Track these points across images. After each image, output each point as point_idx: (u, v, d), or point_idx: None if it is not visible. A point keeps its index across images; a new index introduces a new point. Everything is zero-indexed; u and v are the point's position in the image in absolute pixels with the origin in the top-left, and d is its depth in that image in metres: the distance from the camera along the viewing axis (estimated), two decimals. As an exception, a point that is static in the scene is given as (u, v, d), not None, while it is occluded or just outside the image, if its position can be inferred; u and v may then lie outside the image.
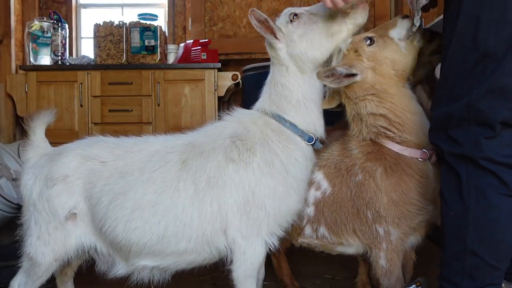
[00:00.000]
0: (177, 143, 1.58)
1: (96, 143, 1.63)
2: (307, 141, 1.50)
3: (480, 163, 1.31)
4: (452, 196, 1.38)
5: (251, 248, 1.45)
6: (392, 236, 1.51)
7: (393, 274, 1.54)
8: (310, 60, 1.49)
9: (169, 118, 3.47)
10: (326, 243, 1.68)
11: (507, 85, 1.25)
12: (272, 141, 1.48)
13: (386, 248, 1.53)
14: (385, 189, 1.51)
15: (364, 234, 1.58)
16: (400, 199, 1.50)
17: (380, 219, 1.52)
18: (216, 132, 1.56)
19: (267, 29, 1.51)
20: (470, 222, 1.34)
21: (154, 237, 1.48)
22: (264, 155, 1.46)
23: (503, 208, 1.32)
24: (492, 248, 1.33)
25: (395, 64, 1.54)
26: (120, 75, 3.46)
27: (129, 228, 1.48)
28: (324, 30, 1.46)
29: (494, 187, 1.31)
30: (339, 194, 1.61)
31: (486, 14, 1.27)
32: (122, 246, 1.51)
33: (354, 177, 1.57)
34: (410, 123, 1.53)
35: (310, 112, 1.51)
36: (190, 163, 1.49)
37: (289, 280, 2.11)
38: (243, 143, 1.48)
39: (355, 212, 1.58)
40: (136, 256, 1.53)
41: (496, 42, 1.26)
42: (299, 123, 1.50)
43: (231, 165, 1.46)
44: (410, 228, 1.54)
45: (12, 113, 3.66)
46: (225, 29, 4.13)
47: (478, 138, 1.30)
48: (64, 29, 3.75)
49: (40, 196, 1.55)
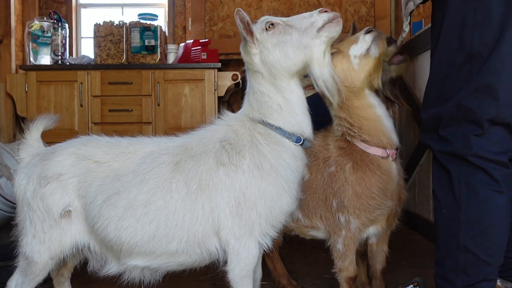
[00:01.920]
0: (170, 145, 1.60)
1: (90, 142, 1.64)
2: (295, 142, 1.51)
3: (470, 160, 1.34)
4: (443, 193, 1.41)
5: (244, 248, 1.47)
6: (351, 225, 1.64)
7: (347, 258, 1.67)
8: (284, 69, 1.49)
9: (169, 118, 3.47)
10: (301, 226, 1.80)
11: (493, 84, 1.29)
12: (261, 143, 1.50)
13: (345, 235, 1.66)
14: (351, 182, 1.64)
15: (327, 221, 1.71)
16: (363, 193, 1.62)
17: (343, 208, 1.65)
18: (207, 136, 1.58)
19: (248, 32, 1.52)
20: (462, 218, 1.36)
21: (145, 236, 1.49)
22: (253, 157, 1.48)
23: (494, 204, 1.34)
24: (485, 244, 1.35)
25: (346, 80, 1.65)
26: (120, 75, 3.46)
27: (121, 226, 1.49)
28: (297, 43, 1.46)
29: (484, 183, 1.34)
30: (314, 181, 1.73)
31: (470, 16, 1.31)
32: (113, 244, 1.52)
33: (328, 168, 1.71)
34: (366, 128, 1.66)
35: (294, 114, 1.51)
36: (182, 165, 1.51)
37: (286, 280, 2.10)
38: (232, 146, 1.50)
39: (323, 199, 1.72)
40: (127, 255, 1.54)
41: (480, 42, 1.30)
42: (284, 126, 1.50)
43: (221, 168, 1.48)
44: (368, 220, 1.66)
45: (12, 112, 3.66)
46: (225, 29, 4.13)
47: (467, 135, 1.34)
48: (64, 29, 3.75)
49: (34, 195, 1.56)
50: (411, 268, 1.83)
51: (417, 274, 1.83)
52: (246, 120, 1.56)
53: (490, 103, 1.30)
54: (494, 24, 1.28)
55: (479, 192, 1.34)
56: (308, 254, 2.66)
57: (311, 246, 2.89)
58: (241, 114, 1.59)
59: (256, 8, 4.12)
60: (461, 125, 1.35)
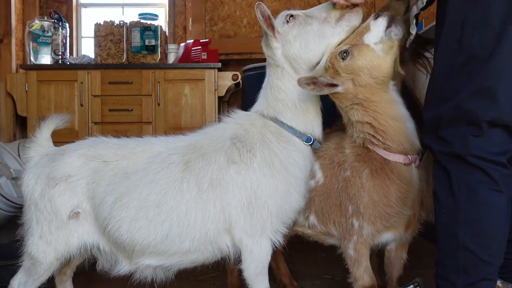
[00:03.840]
0: (179, 144, 1.59)
1: (99, 143, 1.63)
2: (305, 141, 1.53)
3: (468, 160, 1.35)
4: (443, 194, 1.42)
5: (257, 246, 1.48)
6: (364, 231, 1.59)
7: (361, 264, 1.61)
8: (304, 61, 1.51)
9: (169, 117, 3.47)
10: (318, 233, 1.74)
11: (493, 86, 1.29)
12: (271, 142, 1.50)
13: (356, 240, 1.60)
14: (368, 189, 1.57)
15: (340, 226, 1.65)
16: (380, 201, 1.56)
17: (358, 214, 1.59)
18: (217, 134, 1.58)
19: (269, 26, 1.54)
20: (462, 218, 1.37)
21: (158, 237, 1.49)
22: (264, 155, 1.49)
23: (493, 204, 1.34)
24: (484, 243, 1.36)
25: (373, 71, 1.53)
26: (121, 75, 3.46)
27: (134, 227, 1.49)
28: (319, 32, 1.48)
29: (483, 183, 1.34)
30: (329, 185, 1.68)
31: (469, 17, 1.31)
32: (126, 245, 1.52)
33: (343, 172, 1.64)
34: (392, 130, 1.57)
35: (307, 113, 1.53)
36: (192, 164, 1.51)
37: (288, 280, 2.11)
38: (243, 144, 1.51)
39: (337, 204, 1.65)
40: (139, 255, 1.54)
41: (480, 44, 1.30)
42: (296, 125, 1.52)
43: (232, 166, 1.48)
44: (384, 227, 1.60)
45: (12, 112, 3.66)
46: (226, 29, 4.13)
47: (466, 136, 1.35)
48: (65, 29, 3.75)
49: (42, 195, 1.55)
50: (411, 269, 1.84)
51: (417, 275, 1.83)
52: (257, 117, 1.57)
53: (490, 105, 1.30)
54: (493, 26, 1.27)
55: (478, 192, 1.35)
56: (307, 254, 2.66)
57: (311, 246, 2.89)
58: (253, 111, 1.61)
59: (257, 8, 4.11)
60: (460, 126, 1.36)
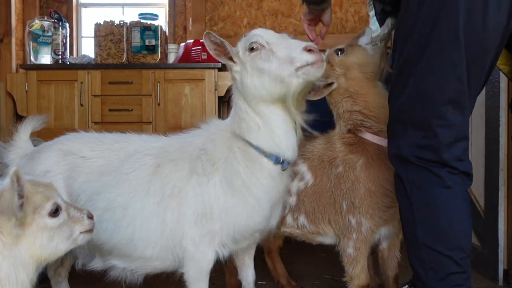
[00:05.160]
0: (155, 145, 1.58)
1: (76, 138, 1.65)
2: (274, 161, 1.43)
3: (413, 162, 1.40)
4: (400, 195, 1.48)
5: (200, 254, 1.45)
6: (363, 227, 1.60)
7: (359, 263, 1.61)
8: (259, 97, 1.41)
9: (169, 117, 3.47)
10: (306, 232, 1.76)
11: (424, 86, 1.36)
12: (236, 159, 1.44)
13: (356, 238, 1.60)
14: (363, 180, 1.60)
15: (337, 224, 1.66)
16: (377, 190, 1.59)
17: (354, 209, 1.60)
18: (188, 141, 1.55)
19: (221, 53, 1.45)
20: (416, 216, 1.42)
21: (123, 240, 1.49)
22: (226, 172, 1.44)
23: (443, 200, 1.39)
24: (442, 239, 1.39)
25: (363, 67, 1.71)
26: (121, 75, 3.46)
27: (100, 228, 1.47)
28: (275, 74, 1.35)
29: (430, 182, 1.39)
30: (319, 185, 1.70)
31: (402, 24, 1.43)
32: (95, 244, 1.52)
33: (335, 169, 1.67)
34: (383, 115, 1.62)
35: (273, 134, 1.41)
36: (161, 169, 1.50)
37: (286, 280, 2.11)
38: (209, 157, 1.47)
39: (331, 203, 1.67)
40: (107, 254, 1.55)
41: (411, 47, 1.38)
42: (263, 145, 1.42)
43: (194, 177, 1.45)
44: (382, 219, 1.61)
45: (12, 112, 3.66)
46: (226, 29, 4.13)
47: (411, 138, 1.40)
48: (65, 28, 3.75)
49: None
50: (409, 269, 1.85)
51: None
52: (228, 132, 1.50)
53: (425, 105, 1.36)
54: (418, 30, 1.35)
55: (426, 190, 1.40)
56: (307, 254, 2.66)
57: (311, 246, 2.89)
58: (226, 125, 1.54)
59: (257, 8, 4.12)
60: (406, 128, 1.41)
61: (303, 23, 1.80)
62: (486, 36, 1.29)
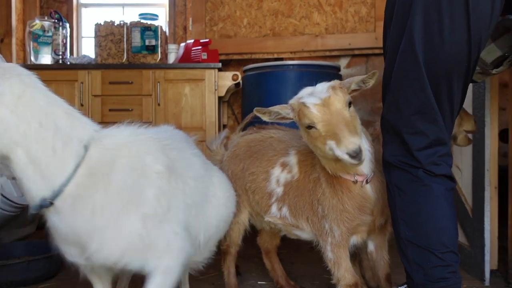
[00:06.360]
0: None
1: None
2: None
3: (396, 165, 1.52)
4: (389, 200, 1.58)
5: None
6: (335, 232, 1.63)
7: (341, 266, 1.65)
8: None
9: (169, 117, 3.48)
10: (287, 224, 1.79)
11: (397, 98, 1.49)
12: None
13: (331, 242, 1.64)
14: (327, 194, 1.63)
15: (314, 225, 1.70)
16: (337, 206, 1.61)
17: (325, 216, 1.64)
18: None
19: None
20: (399, 216, 1.52)
21: None
22: None
23: (419, 196, 1.49)
24: (421, 233, 1.48)
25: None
26: (121, 75, 3.46)
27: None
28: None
29: (409, 181, 1.50)
30: (303, 182, 1.73)
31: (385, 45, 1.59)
32: None
33: (314, 173, 1.70)
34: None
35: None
36: None
37: (285, 281, 2.11)
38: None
39: (310, 203, 1.70)
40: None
41: (389, 65, 1.53)
42: None
43: None
44: (348, 229, 1.64)
45: (12, 112, 3.66)
46: (226, 29, 4.13)
47: (392, 144, 1.53)
48: (65, 29, 3.75)
49: None
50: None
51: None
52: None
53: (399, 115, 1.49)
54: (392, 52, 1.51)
55: (406, 189, 1.50)
56: (307, 254, 2.66)
57: (310, 246, 2.90)
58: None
59: (257, 8, 4.12)
60: (388, 135, 1.56)
61: None
62: (445, 53, 1.40)
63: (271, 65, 3.43)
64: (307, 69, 3.27)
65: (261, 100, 3.40)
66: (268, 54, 4.05)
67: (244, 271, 2.33)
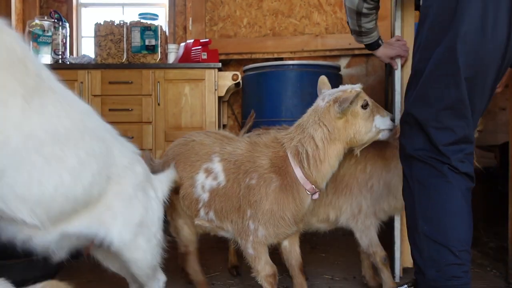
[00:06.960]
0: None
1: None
2: None
3: (417, 157, 1.53)
4: (405, 195, 1.60)
5: None
6: (259, 232, 1.77)
7: (261, 259, 1.79)
8: None
9: (169, 117, 3.48)
10: (214, 226, 1.92)
11: (427, 93, 1.50)
12: None
13: (252, 240, 1.78)
14: (271, 199, 1.73)
15: (237, 226, 1.83)
16: (277, 212, 1.74)
17: (255, 218, 1.76)
18: None
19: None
20: (418, 209, 1.53)
21: None
22: None
23: (441, 191, 1.50)
24: (440, 228, 1.48)
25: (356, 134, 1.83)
26: (121, 75, 3.46)
27: None
28: None
29: (431, 175, 1.51)
30: (230, 189, 1.82)
31: (417, 41, 1.58)
32: None
33: (249, 180, 1.78)
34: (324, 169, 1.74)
35: None
36: None
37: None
38: None
39: (237, 207, 1.81)
40: None
41: (420, 60, 1.53)
42: None
43: None
44: (274, 233, 1.79)
45: (12, 111, 3.66)
46: (226, 29, 4.13)
47: (415, 138, 1.55)
48: (65, 28, 3.75)
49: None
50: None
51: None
52: None
53: (425, 108, 1.50)
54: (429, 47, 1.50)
55: (427, 183, 1.52)
56: (306, 254, 2.66)
57: (310, 246, 2.90)
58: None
59: (257, 8, 4.12)
60: (410, 128, 1.56)
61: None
62: (486, 49, 1.41)
63: (271, 65, 3.43)
64: (307, 69, 3.26)
65: (261, 100, 3.40)
66: (268, 54, 4.06)
67: (244, 271, 2.33)
